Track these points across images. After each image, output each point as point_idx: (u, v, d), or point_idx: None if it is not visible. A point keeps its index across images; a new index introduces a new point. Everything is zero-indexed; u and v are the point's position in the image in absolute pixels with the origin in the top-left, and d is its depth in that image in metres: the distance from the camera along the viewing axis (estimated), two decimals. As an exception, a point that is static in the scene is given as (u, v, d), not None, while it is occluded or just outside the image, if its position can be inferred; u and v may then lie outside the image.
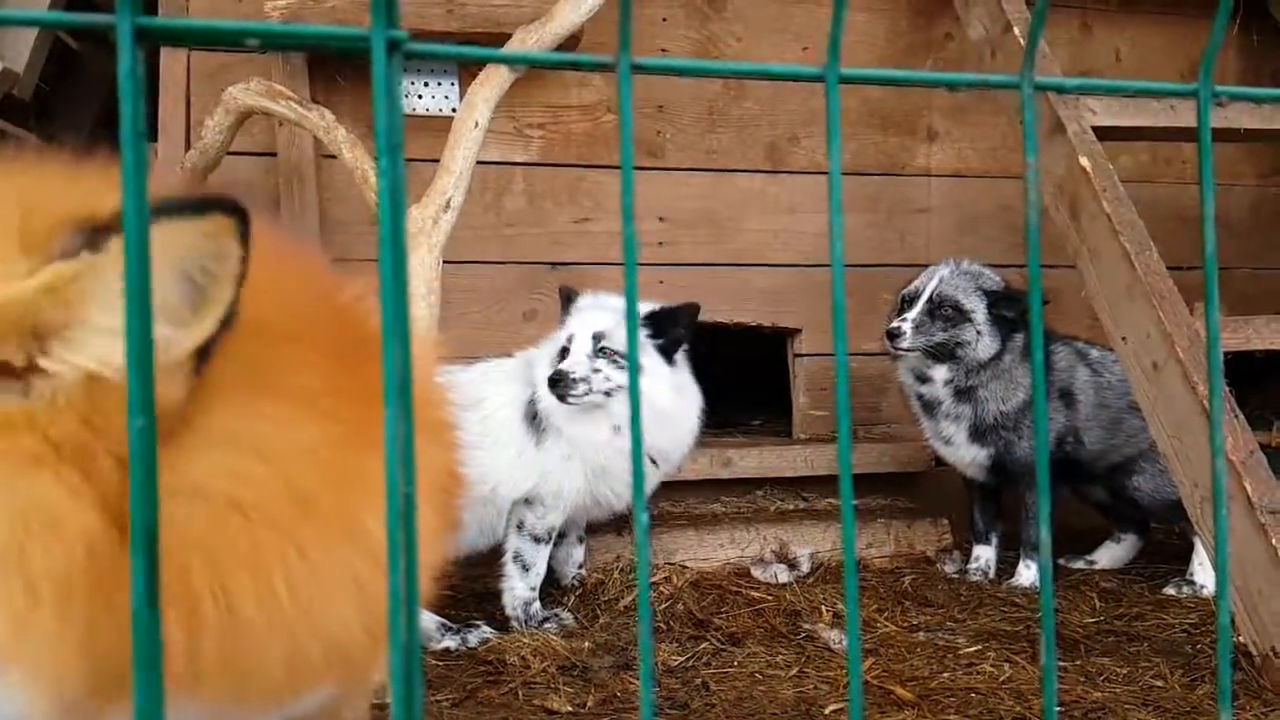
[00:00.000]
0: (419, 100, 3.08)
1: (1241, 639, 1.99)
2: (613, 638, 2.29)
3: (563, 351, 2.35)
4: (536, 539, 2.43)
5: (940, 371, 2.76)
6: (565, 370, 2.27)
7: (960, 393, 2.76)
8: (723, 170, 3.32)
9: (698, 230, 3.29)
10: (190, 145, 2.83)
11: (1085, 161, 2.35)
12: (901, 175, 3.46)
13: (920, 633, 2.34)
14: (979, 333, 2.70)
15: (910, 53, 3.47)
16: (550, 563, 2.53)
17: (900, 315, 2.73)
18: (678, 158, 3.29)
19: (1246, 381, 2.64)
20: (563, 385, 2.26)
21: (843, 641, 2.25)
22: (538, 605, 2.42)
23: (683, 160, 3.29)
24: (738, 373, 3.59)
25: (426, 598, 0.97)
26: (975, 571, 2.81)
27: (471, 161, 2.54)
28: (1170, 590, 2.66)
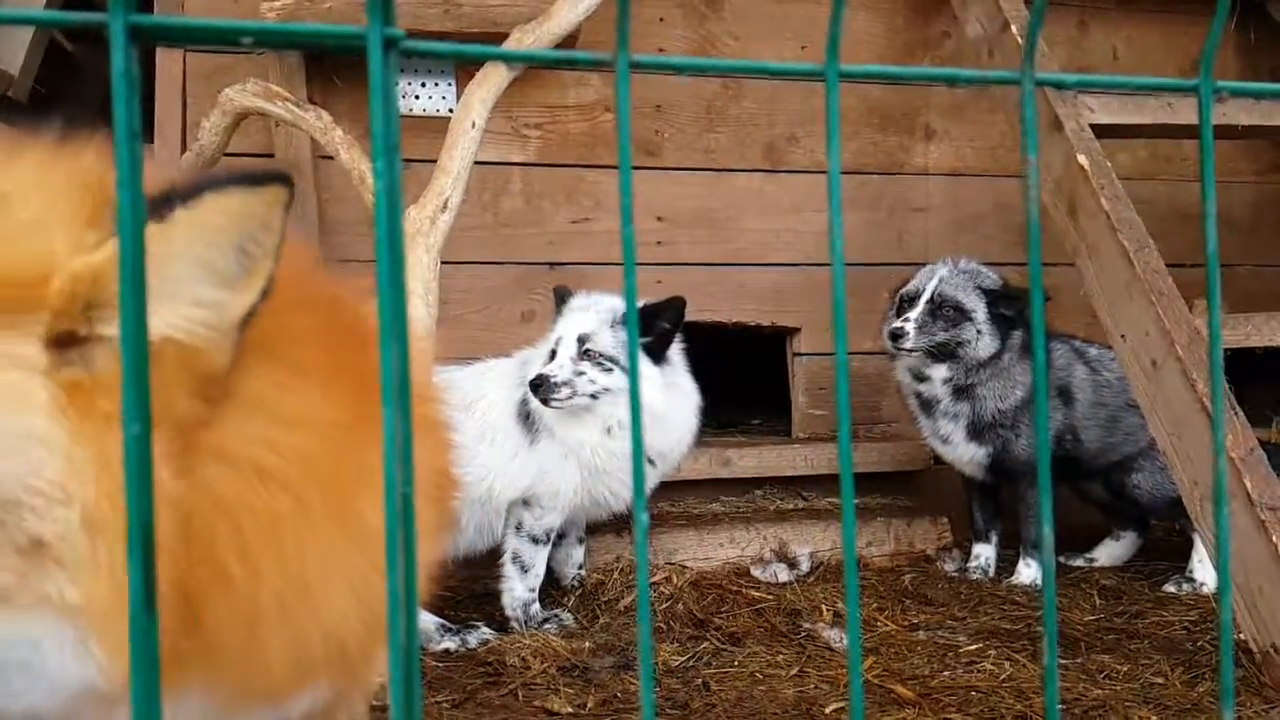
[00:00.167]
0: (416, 101, 3.08)
1: (1242, 636, 1.99)
2: (613, 638, 2.29)
3: (552, 354, 2.35)
4: (535, 540, 2.43)
5: (938, 370, 2.75)
6: (546, 374, 2.27)
7: (958, 391, 2.76)
8: (721, 170, 3.32)
9: (696, 230, 3.29)
10: (186, 147, 2.82)
11: (1083, 159, 2.35)
12: (900, 174, 3.46)
13: (920, 631, 2.34)
14: (979, 332, 2.69)
15: (908, 51, 3.47)
16: (550, 563, 2.53)
17: (901, 315, 2.73)
18: (676, 157, 3.29)
19: (1245, 378, 2.64)
20: (545, 389, 2.26)
21: (843, 640, 2.25)
22: (537, 606, 2.42)
23: (681, 160, 3.29)
24: (737, 372, 3.59)
25: (423, 596, 0.97)
26: (975, 570, 2.81)
27: (469, 162, 2.53)
28: (1170, 587, 2.66)
